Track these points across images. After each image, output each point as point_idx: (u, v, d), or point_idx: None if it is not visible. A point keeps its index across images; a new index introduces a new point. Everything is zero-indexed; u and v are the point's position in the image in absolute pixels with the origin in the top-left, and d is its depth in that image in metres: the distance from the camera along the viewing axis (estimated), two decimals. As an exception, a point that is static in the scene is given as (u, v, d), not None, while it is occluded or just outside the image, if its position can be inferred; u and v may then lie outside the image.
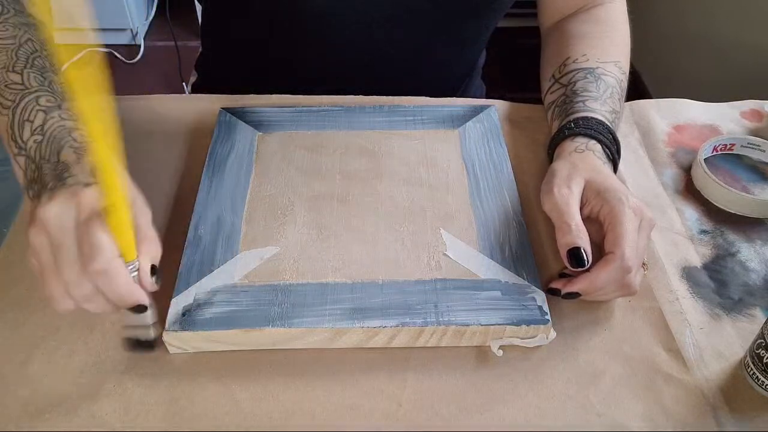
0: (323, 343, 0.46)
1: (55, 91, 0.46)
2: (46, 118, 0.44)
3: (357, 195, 0.54)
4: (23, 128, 0.44)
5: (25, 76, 0.46)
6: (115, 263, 0.38)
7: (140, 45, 1.99)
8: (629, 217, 0.46)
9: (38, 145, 0.43)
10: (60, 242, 0.38)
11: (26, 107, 0.44)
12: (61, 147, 0.43)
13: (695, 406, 0.44)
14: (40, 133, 0.43)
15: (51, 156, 0.43)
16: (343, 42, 0.66)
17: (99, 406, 0.42)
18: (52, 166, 0.42)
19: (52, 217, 0.38)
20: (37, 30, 0.49)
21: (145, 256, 0.40)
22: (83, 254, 0.38)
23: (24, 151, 0.44)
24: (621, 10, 0.67)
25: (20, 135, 0.44)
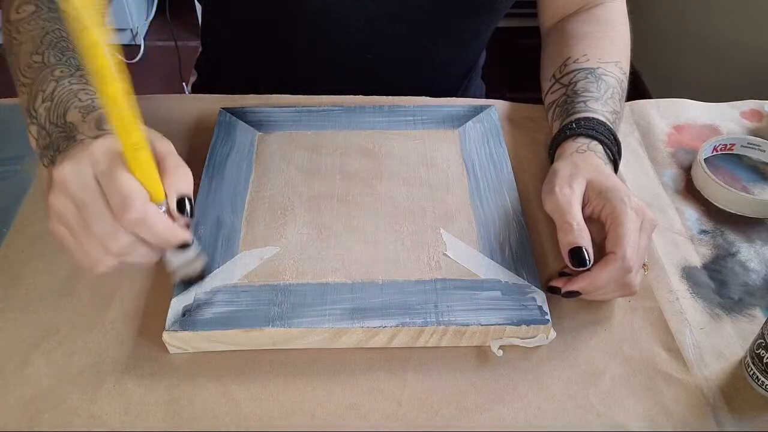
0: (323, 343, 0.46)
1: (71, 64, 0.45)
2: (57, 86, 0.43)
3: (357, 195, 0.54)
4: (36, 98, 0.43)
5: (46, 56, 0.45)
6: (149, 208, 0.36)
7: (140, 45, 1.99)
8: (631, 218, 0.46)
9: (47, 111, 0.42)
10: (85, 200, 0.36)
11: (42, 80, 0.44)
12: (67, 109, 0.42)
13: (695, 406, 0.44)
14: (49, 100, 0.43)
15: (58, 119, 0.41)
16: (344, 41, 0.66)
17: (99, 406, 0.42)
18: (61, 128, 0.41)
19: (70, 176, 0.36)
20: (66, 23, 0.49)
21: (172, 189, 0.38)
22: (114, 206, 0.36)
23: (35, 120, 0.43)
24: (621, 10, 0.67)
25: (33, 105, 0.43)
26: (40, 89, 0.44)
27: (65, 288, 0.49)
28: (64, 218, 0.37)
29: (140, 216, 0.36)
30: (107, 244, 0.37)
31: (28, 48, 0.47)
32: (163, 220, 0.37)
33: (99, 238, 0.37)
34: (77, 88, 0.43)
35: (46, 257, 0.51)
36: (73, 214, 0.37)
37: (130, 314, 0.48)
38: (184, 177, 0.38)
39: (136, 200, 0.35)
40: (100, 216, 0.36)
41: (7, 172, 0.59)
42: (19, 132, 0.63)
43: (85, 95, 0.43)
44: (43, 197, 0.41)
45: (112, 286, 0.49)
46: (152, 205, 0.37)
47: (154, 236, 0.37)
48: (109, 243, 0.37)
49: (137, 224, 0.36)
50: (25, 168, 0.59)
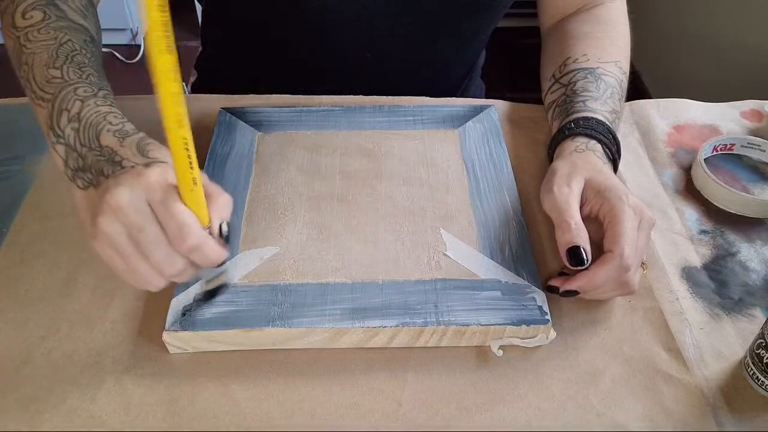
0: (323, 343, 0.46)
1: (92, 83, 0.46)
2: (83, 106, 0.44)
3: (357, 195, 0.54)
4: (60, 117, 0.44)
5: (65, 71, 0.46)
6: (203, 236, 0.39)
7: (140, 45, 1.99)
8: (629, 216, 0.46)
9: (76, 132, 0.43)
10: (141, 226, 0.38)
11: (65, 98, 0.45)
12: (99, 132, 0.43)
13: (695, 406, 0.44)
14: (76, 121, 0.44)
15: (91, 142, 0.43)
16: (344, 40, 0.66)
17: (99, 406, 0.42)
18: (97, 152, 0.42)
19: (125, 202, 0.38)
20: (78, 33, 0.50)
21: (216, 215, 0.40)
22: (171, 234, 0.38)
23: (62, 140, 0.44)
24: (621, 10, 0.67)
25: (58, 124, 0.44)
26: (64, 108, 0.44)
27: (65, 288, 0.49)
28: (116, 242, 0.39)
29: (197, 243, 0.38)
30: (163, 268, 0.39)
31: (43, 59, 0.47)
32: (213, 244, 0.40)
33: (155, 263, 0.39)
34: (105, 110, 0.44)
35: (46, 257, 0.51)
36: (125, 239, 0.38)
37: (130, 314, 0.48)
38: (227, 203, 0.41)
39: (193, 228, 0.38)
40: (156, 243, 0.38)
41: (7, 172, 0.59)
42: (19, 132, 0.63)
43: (114, 118, 0.44)
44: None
45: (112, 286, 0.49)
46: (204, 232, 0.39)
47: (205, 260, 0.40)
48: (165, 268, 0.39)
49: (194, 250, 0.39)
50: (25, 168, 0.59)
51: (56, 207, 0.55)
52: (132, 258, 0.39)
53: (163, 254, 0.38)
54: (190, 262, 0.40)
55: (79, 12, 0.52)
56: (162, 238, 0.38)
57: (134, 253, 0.39)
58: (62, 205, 0.55)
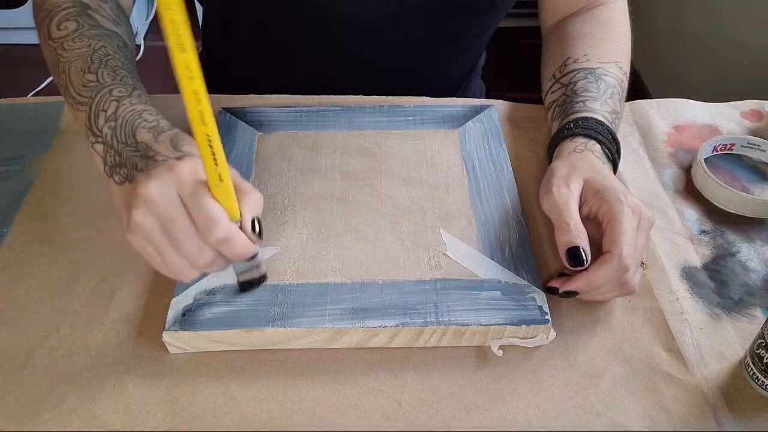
0: (323, 343, 0.46)
1: (127, 83, 0.48)
2: (118, 106, 0.46)
3: (357, 195, 0.54)
4: (98, 117, 0.45)
5: (100, 75, 0.48)
6: (232, 229, 0.40)
7: (140, 45, 1.99)
8: (627, 216, 0.46)
9: (113, 131, 0.45)
10: (172, 218, 0.39)
11: (101, 100, 0.46)
12: (135, 129, 0.44)
13: (695, 406, 0.44)
14: (113, 120, 0.45)
15: (128, 138, 0.44)
16: (345, 41, 0.66)
17: (99, 406, 0.42)
18: (132, 148, 0.43)
19: (157, 195, 0.39)
20: (110, 39, 0.51)
21: (247, 210, 0.41)
22: (200, 226, 0.39)
23: (100, 138, 0.45)
24: (622, 10, 0.67)
25: (96, 124, 0.45)
26: (101, 109, 0.46)
27: (65, 288, 0.49)
28: (150, 235, 0.39)
29: (225, 236, 0.39)
30: (194, 259, 0.40)
31: (79, 66, 0.48)
32: (241, 238, 0.40)
33: (186, 254, 0.40)
34: (140, 108, 0.46)
35: (46, 257, 0.51)
36: (158, 231, 0.39)
37: (130, 314, 0.48)
38: (258, 200, 0.42)
39: (221, 222, 0.39)
40: (187, 234, 0.39)
41: (7, 172, 0.59)
42: (19, 132, 0.63)
43: (149, 116, 0.46)
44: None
45: (112, 286, 0.49)
46: (233, 225, 0.40)
47: (234, 252, 0.40)
48: (195, 259, 0.40)
49: (222, 243, 0.39)
50: (25, 168, 0.59)
51: (56, 207, 0.55)
52: (164, 249, 0.40)
53: (193, 246, 0.39)
54: (219, 254, 0.41)
55: (111, 20, 0.53)
56: (192, 230, 0.39)
57: (166, 245, 0.40)
58: (62, 205, 0.55)
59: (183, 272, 0.41)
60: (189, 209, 0.39)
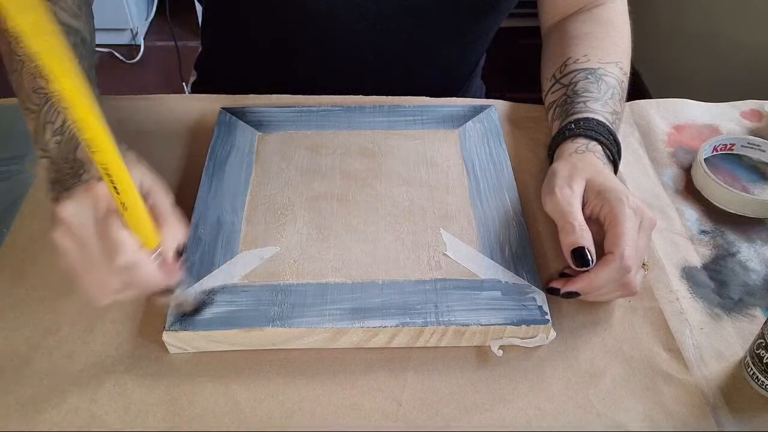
0: (323, 343, 0.46)
1: None
2: (66, 119, 0.44)
3: (357, 195, 0.54)
4: (45, 130, 0.44)
5: None
6: (137, 256, 0.38)
7: (140, 45, 1.99)
8: (629, 217, 0.46)
9: (58, 145, 0.44)
10: (84, 240, 0.38)
11: (49, 110, 0.45)
12: (77, 145, 0.43)
13: (695, 406, 0.44)
14: (59, 134, 0.44)
15: (69, 154, 0.43)
16: (346, 41, 0.66)
17: (99, 406, 0.42)
18: (69, 164, 0.42)
19: (71, 216, 0.38)
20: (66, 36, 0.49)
21: (167, 240, 0.40)
22: (106, 251, 0.38)
23: (46, 153, 0.44)
24: (622, 11, 0.67)
25: (43, 137, 0.44)
26: (48, 120, 0.44)
27: (65, 288, 0.49)
28: (66, 256, 0.39)
29: (128, 262, 0.38)
30: (102, 284, 0.39)
31: (31, 68, 0.47)
32: (148, 267, 0.39)
33: (95, 279, 0.39)
34: None
35: (46, 257, 0.51)
36: (74, 252, 0.39)
37: (130, 314, 0.48)
38: (180, 230, 0.41)
39: (125, 248, 0.38)
40: (96, 258, 0.38)
41: (8, 172, 0.59)
42: (19, 132, 0.63)
43: None
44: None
45: (112, 286, 0.49)
46: (142, 253, 0.39)
47: (139, 282, 0.39)
48: (103, 284, 0.39)
49: (126, 270, 0.38)
50: (25, 168, 0.59)
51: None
52: (78, 271, 0.39)
53: (101, 271, 0.38)
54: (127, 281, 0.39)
55: (70, 12, 0.51)
56: (101, 255, 0.38)
57: (81, 267, 0.39)
58: (62, 205, 0.55)
59: (94, 296, 0.40)
60: (98, 232, 0.38)
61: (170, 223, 0.40)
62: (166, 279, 0.41)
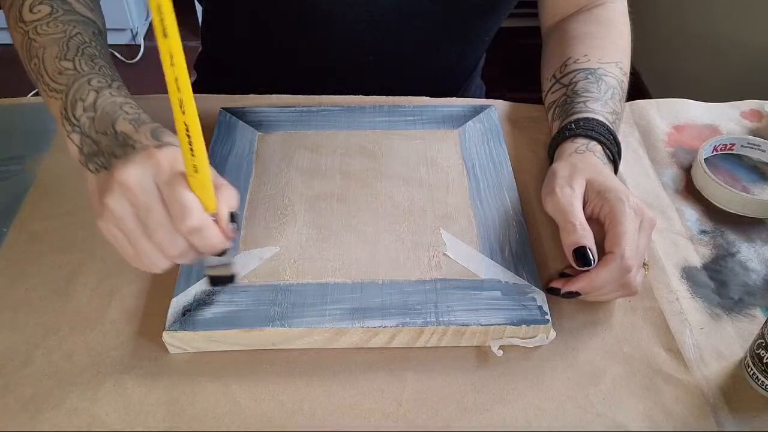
0: (323, 343, 0.46)
1: (105, 74, 0.47)
2: (97, 96, 0.45)
3: (357, 195, 0.54)
4: (75, 106, 0.45)
5: (77, 63, 0.47)
6: (205, 219, 0.39)
7: (140, 45, 1.99)
8: (629, 217, 0.46)
9: (91, 120, 0.44)
10: (147, 204, 0.38)
11: (79, 88, 0.45)
12: (115, 120, 0.44)
13: (695, 406, 0.44)
14: (92, 110, 0.44)
15: (107, 129, 0.43)
16: (346, 41, 0.66)
17: (99, 406, 0.42)
18: (111, 137, 0.43)
19: (133, 180, 0.38)
20: (86, 25, 0.50)
21: (223, 204, 0.41)
22: (173, 214, 0.38)
23: (78, 128, 0.44)
24: (622, 11, 0.67)
25: (73, 113, 0.45)
26: (78, 98, 0.45)
27: (65, 288, 0.49)
28: (122, 222, 0.39)
29: (197, 225, 0.38)
30: (165, 248, 0.39)
31: (54, 52, 0.47)
32: (214, 229, 0.40)
33: (158, 243, 0.39)
34: (120, 101, 0.45)
35: (46, 257, 0.51)
36: (131, 218, 0.39)
37: (130, 314, 0.48)
38: (233, 195, 0.41)
39: (194, 211, 0.38)
40: (160, 222, 0.38)
41: (7, 172, 0.59)
42: (19, 132, 0.63)
43: (129, 108, 0.45)
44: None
45: (112, 286, 0.49)
46: (207, 216, 0.39)
47: (205, 244, 0.40)
48: (167, 248, 0.39)
49: (194, 232, 0.39)
50: (25, 168, 0.59)
51: (56, 207, 0.55)
52: (136, 237, 0.39)
53: (166, 234, 0.39)
54: (191, 244, 0.40)
55: (85, 5, 0.52)
56: (165, 219, 0.38)
57: (138, 233, 0.39)
58: (62, 205, 0.55)
59: (153, 262, 0.40)
60: (164, 197, 0.38)
61: (224, 188, 0.41)
62: (226, 242, 0.41)
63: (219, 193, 0.40)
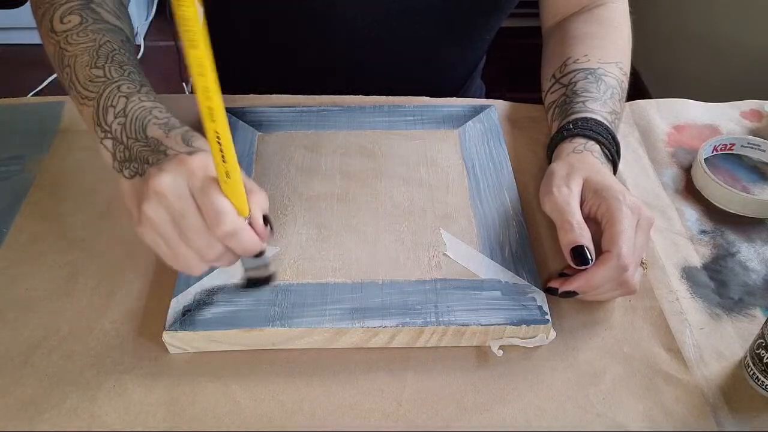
0: (323, 343, 0.46)
1: (134, 80, 0.48)
2: (128, 102, 0.46)
3: (357, 195, 0.54)
4: (107, 113, 0.46)
5: (107, 70, 0.48)
6: (239, 223, 0.40)
7: (140, 45, 1.99)
8: (626, 215, 0.46)
9: (122, 126, 0.45)
10: (182, 211, 0.39)
11: (109, 95, 0.46)
12: (145, 125, 0.45)
13: (695, 406, 0.44)
14: (122, 116, 0.45)
15: (138, 134, 0.44)
16: (346, 41, 0.66)
17: (99, 406, 0.42)
18: (142, 143, 0.44)
19: (167, 187, 0.39)
20: (115, 34, 0.51)
21: (256, 207, 0.41)
22: (209, 220, 0.39)
23: (110, 134, 0.45)
24: (622, 11, 0.67)
25: (104, 120, 0.46)
26: (109, 104, 0.46)
27: (65, 288, 0.49)
28: (160, 228, 0.40)
29: (232, 229, 0.39)
30: (203, 253, 0.40)
31: (85, 61, 0.48)
32: (249, 232, 0.41)
33: (195, 248, 0.40)
34: (149, 105, 0.46)
35: (46, 257, 0.51)
36: (169, 225, 0.40)
37: (130, 314, 0.48)
38: (265, 199, 0.42)
39: (228, 215, 0.39)
40: (196, 228, 0.39)
41: (7, 172, 0.59)
42: (19, 132, 0.63)
43: (159, 113, 0.46)
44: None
45: (112, 286, 0.49)
46: (241, 220, 0.40)
47: (241, 247, 0.41)
48: (205, 252, 0.40)
49: (229, 236, 0.39)
50: (25, 168, 0.59)
51: (56, 207, 0.55)
52: (174, 242, 0.40)
53: (202, 239, 0.40)
54: (227, 248, 0.41)
55: (113, 14, 0.53)
56: (201, 224, 0.39)
57: (176, 238, 0.40)
58: (62, 205, 0.55)
59: (192, 266, 0.41)
60: (198, 203, 0.39)
61: (255, 192, 0.42)
62: (260, 245, 0.42)
63: (251, 197, 0.41)
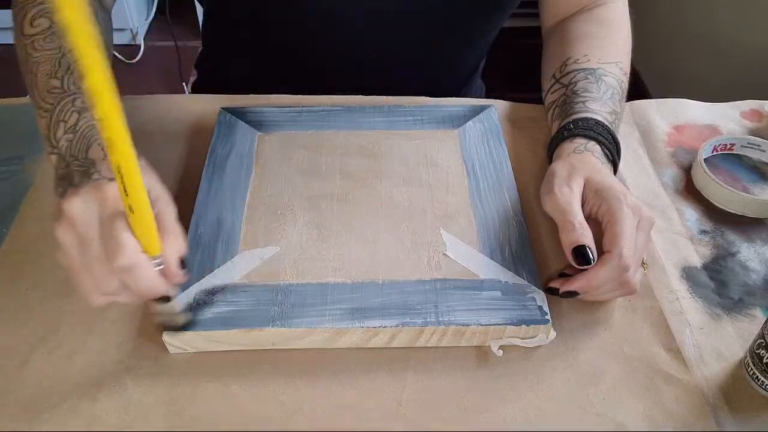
0: (323, 343, 0.46)
1: None
2: (79, 118, 0.45)
3: (357, 195, 0.54)
4: (57, 128, 0.45)
5: (65, 81, 0.47)
6: (138, 259, 0.38)
7: (140, 45, 1.99)
8: (627, 216, 0.46)
9: (69, 143, 0.44)
10: (86, 238, 0.38)
11: (63, 109, 0.45)
12: (90, 144, 0.44)
13: (695, 406, 0.44)
14: (72, 132, 0.44)
15: (80, 153, 0.43)
16: (347, 41, 0.66)
17: (99, 406, 0.42)
18: (80, 162, 0.43)
19: (76, 212, 0.38)
20: None
21: (170, 250, 0.40)
22: (107, 251, 0.38)
23: (56, 150, 0.44)
24: (622, 11, 0.67)
25: (54, 135, 0.45)
26: (61, 119, 0.45)
27: (65, 288, 0.49)
28: (67, 252, 0.39)
29: (128, 264, 0.38)
30: (99, 283, 0.39)
31: (46, 69, 0.47)
32: (148, 271, 0.39)
33: (93, 277, 0.39)
34: None
35: (46, 257, 0.51)
36: (75, 249, 0.39)
37: (130, 314, 0.48)
38: (181, 243, 0.41)
39: (127, 249, 0.37)
40: (97, 259, 0.38)
41: (7, 172, 0.59)
42: (19, 132, 0.63)
43: None
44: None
45: (112, 286, 0.49)
46: (143, 257, 0.39)
47: (137, 285, 0.39)
48: (100, 282, 0.39)
49: (125, 271, 0.38)
50: (25, 168, 0.59)
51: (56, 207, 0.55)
52: (76, 268, 0.39)
53: (101, 270, 0.38)
54: (124, 284, 0.39)
55: None
56: (102, 254, 0.38)
57: (79, 265, 0.39)
58: (62, 205, 0.55)
59: (90, 295, 0.40)
60: (102, 232, 0.38)
61: (173, 234, 0.40)
62: (164, 287, 0.40)
63: (166, 238, 0.40)
